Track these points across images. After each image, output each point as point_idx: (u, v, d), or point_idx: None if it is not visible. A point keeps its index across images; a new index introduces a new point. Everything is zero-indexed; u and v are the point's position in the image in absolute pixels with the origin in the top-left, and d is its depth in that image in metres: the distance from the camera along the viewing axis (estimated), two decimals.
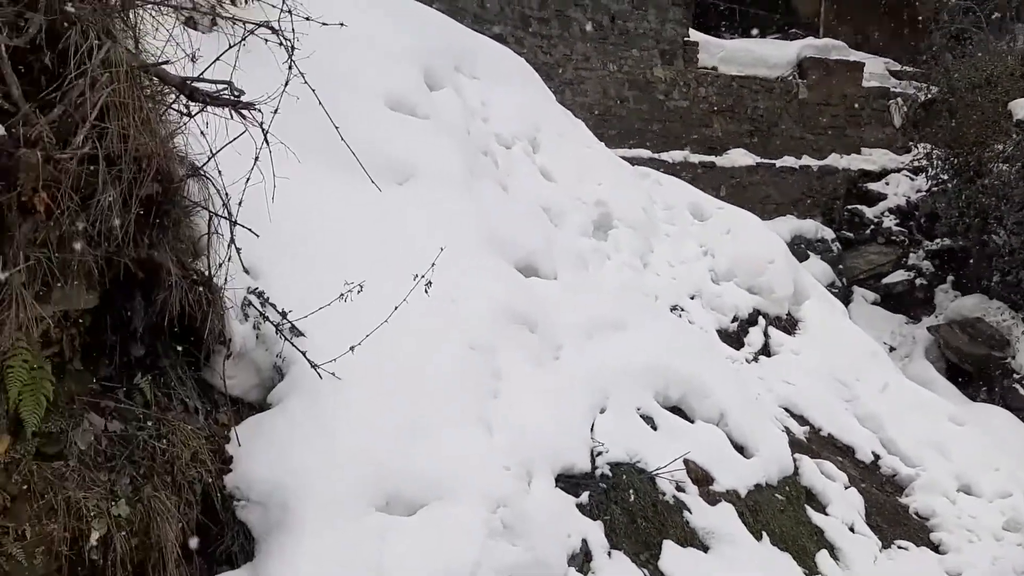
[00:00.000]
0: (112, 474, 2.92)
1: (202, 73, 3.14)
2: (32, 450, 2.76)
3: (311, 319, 3.61)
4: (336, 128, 3.51)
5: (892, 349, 9.92)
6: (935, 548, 5.52)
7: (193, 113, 3.18)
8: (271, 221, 3.50)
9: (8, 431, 2.72)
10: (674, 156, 10.87)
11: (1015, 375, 9.06)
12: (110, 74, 2.74)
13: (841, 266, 10.79)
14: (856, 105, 11.84)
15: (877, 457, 6.25)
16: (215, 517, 3.21)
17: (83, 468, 2.87)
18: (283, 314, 3.58)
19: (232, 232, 3.27)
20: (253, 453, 3.37)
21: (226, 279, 3.32)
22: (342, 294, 3.50)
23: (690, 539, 4.52)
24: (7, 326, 2.62)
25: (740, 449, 5.17)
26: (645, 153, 10.78)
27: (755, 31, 13.03)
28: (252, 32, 3.21)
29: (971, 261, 10.04)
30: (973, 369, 9.35)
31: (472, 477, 3.69)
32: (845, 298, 10.44)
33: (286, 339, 3.53)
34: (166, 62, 3.03)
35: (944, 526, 5.67)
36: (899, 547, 5.37)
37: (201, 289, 3.18)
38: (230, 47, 3.16)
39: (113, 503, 2.83)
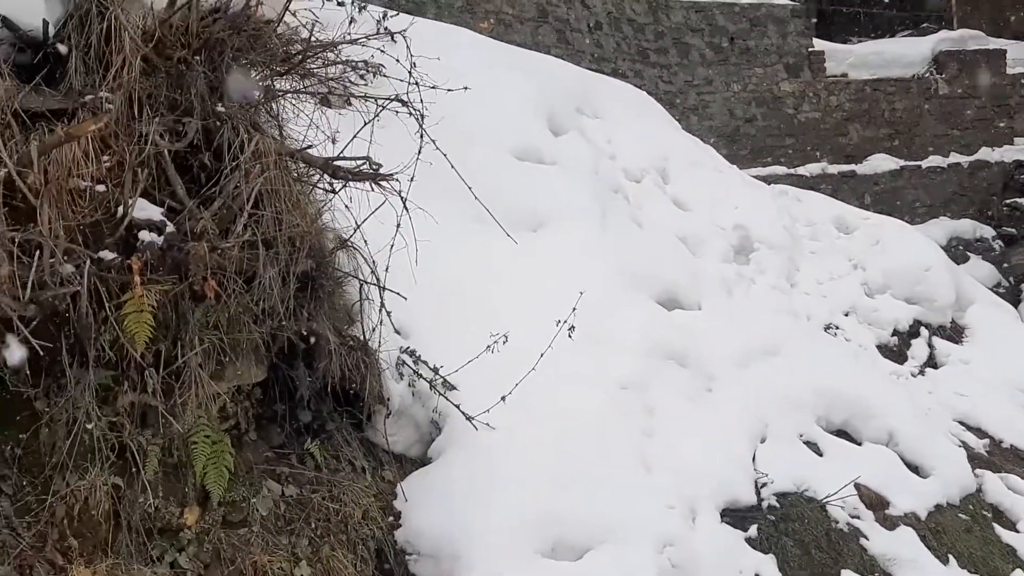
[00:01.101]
0: (292, 536, 3.09)
1: (341, 151, 3.34)
2: (219, 519, 2.96)
3: (463, 373, 3.73)
4: (469, 188, 3.65)
5: None
6: None
7: (337, 190, 3.38)
8: (416, 283, 3.64)
9: (197, 503, 2.93)
10: (811, 169, 10.56)
11: None
12: (260, 164, 2.96)
13: (1006, 264, 10.12)
14: (1002, 94, 11.17)
15: None
16: (389, 572, 3.33)
17: (265, 532, 3.05)
18: (435, 370, 3.71)
19: (382, 297, 3.44)
20: (419, 507, 3.48)
21: (380, 342, 3.48)
22: (488, 346, 3.60)
23: (870, 567, 4.32)
24: (189, 405, 2.84)
25: (915, 469, 4.92)
26: (780, 170, 10.53)
27: (884, 32, 12.56)
28: (384, 107, 3.38)
29: None
30: None
31: (635, 517, 3.68)
32: (1014, 298, 9.75)
33: (440, 394, 3.66)
34: (310, 146, 3.24)
35: None
36: None
37: (358, 353, 3.34)
38: (365, 124, 3.34)
39: (296, 564, 2.99)
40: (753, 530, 4.15)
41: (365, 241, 3.46)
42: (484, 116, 5.37)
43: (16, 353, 2.42)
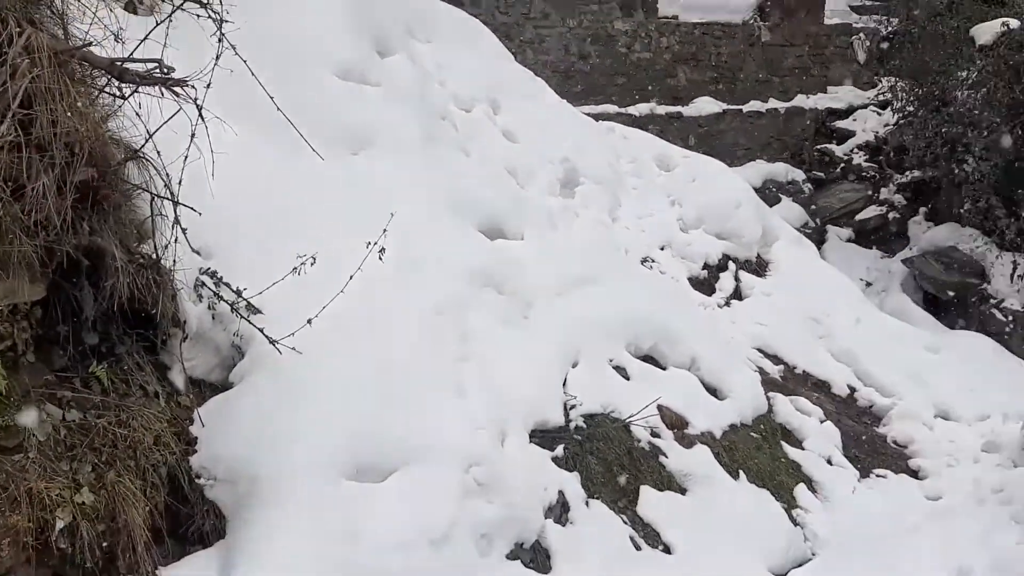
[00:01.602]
0: (74, 463, 2.92)
1: (132, 53, 3.10)
2: None
3: (272, 298, 3.60)
4: (271, 97, 3.47)
5: (868, 284, 9.95)
6: (914, 474, 5.60)
7: (126, 95, 3.14)
8: (215, 198, 3.46)
9: None
10: (640, 109, 10.81)
11: (992, 300, 9.11)
12: (31, 60, 2.70)
13: (814, 206, 10.79)
14: (819, 44, 11.79)
15: (853, 390, 6.31)
16: (184, 498, 3.22)
17: (44, 459, 2.86)
18: (238, 292, 3.57)
19: (176, 212, 3.25)
20: (218, 433, 3.37)
21: (174, 260, 3.30)
22: (295, 267, 3.50)
23: (668, 483, 4.57)
24: None
25: (713, 392, 5.21)
26: (611, 108, 10.72)
27: None
28: (179, 7, 3.15)
29: (942, 191, 10.05)
30: (950, 298, 9.39)
31: (443, 439, 3.71)
32: (820, 237, 10.46)
33: (242, 317, 3.52)
34: (90, 44, 2.98)
35: (923, 452, 5.74)
36: (878, 475, 5.44)
37: (149, 272, 3.16)
38: (157, 24, 3.11)
39: (77, 491, 2.84)
40: (560, 450, 4.29)
41: (159, 153, 3.24)
42: (302, 31, 5.13)
43: None
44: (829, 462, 5.34)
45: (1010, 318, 8.90)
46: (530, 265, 5.21)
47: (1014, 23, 9.12)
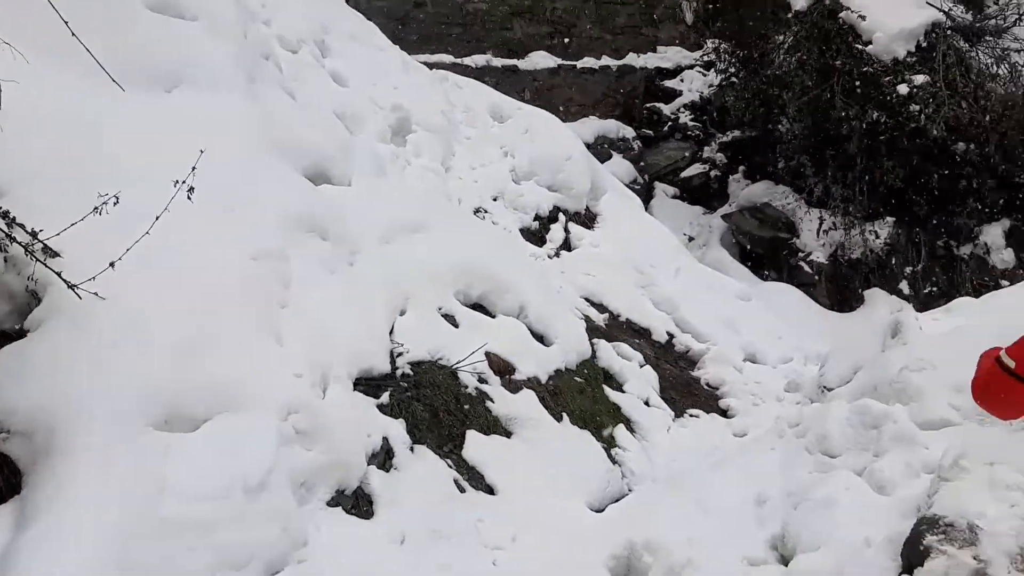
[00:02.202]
0: None
1: None
2: None
3: (73, 240, 3.36)
4: (65, 23, 3.20)
5: (692, 239, 10.41)
6: (724, 413, 5.96)
7: None
8: (4, 132, 3.18)
9: None
10: (476, 60, 10.80)
11: (800, 253, 9.74)
12: None
13: (643, 163, 11.13)
14: (650, 3, 12.10)
15: (672, 336, 6.62)
16: None
17: None
18: (33, 234, 3.31)
19: None
20: (12, 383, 3.14)
21: None
22: (96, 207, 3.27)
23: (493, 427, 4.66)
24: None
25: (541, 338, 5.34)
26: (447, 58, 10.64)
27: None
28: None
29: (759, 150, 10.61)
30: (763, 251, 9.96)
31: (260, 387, 3.62)
32: (648, 193, 10.82)
33: (38, 260, 3.27)
34: None
35: (732, 393, 6.12)
36: (691, 415, 5.77)
37: None
38: None
39: None
40: (385, 397, 4.29)
41: None
42: None
43: None
44: (647, 404, 5.60)
45: (816, 270, 9.56)
46: (357, 211, 5.13)
47: None
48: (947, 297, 7.67)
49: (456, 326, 5.01)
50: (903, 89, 9.05)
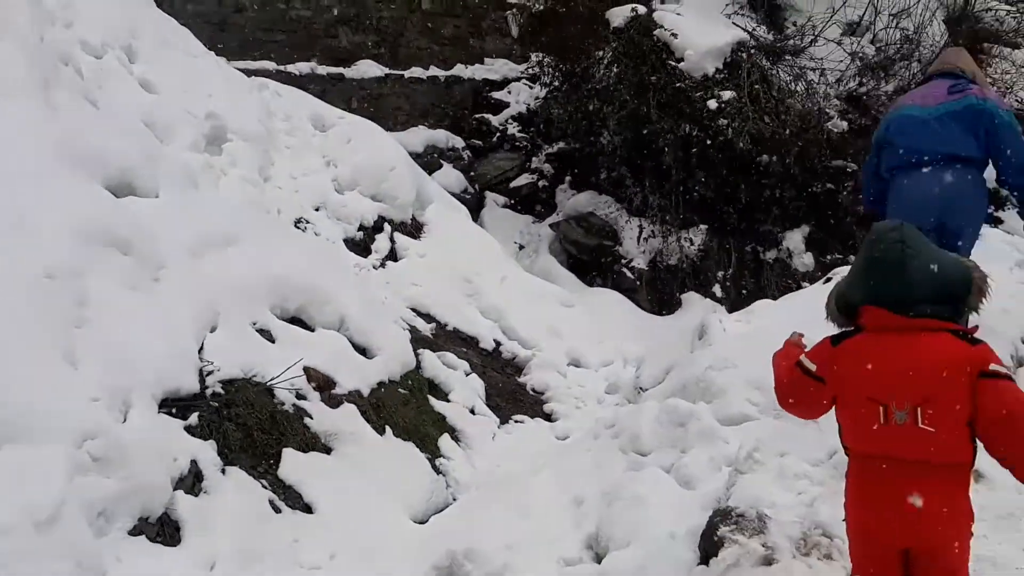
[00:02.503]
0: None
1: None
2: None
3: None
4: None
5: (522, 247, 10.60)
6: (548, 417, 6.10)
7: None
8: None
9: None
10: (301, 68, 10.57)
11: (623, 260, 10.11)
12: None
13: (473, 173, 11.24)
14: (477, 15, 12.26)
15: (499, 344, 6.72)
16: None
17: None
18: None
19: None
20: None
21: None
22: None
23: (312, 444, 4.57)
24: None
25: (363, 351, 5.28)
26: (270, 65, 10.37)
27: None
28: None
29: (583, 161, 10.93)
30: (589, 258, 10.26)
31: (51, 414, 3.39)
32: (479, 203, 10.94)
33: None
34: None
35: (556, 397, 6.28)
36: (516, 421, 5.87)
37: None
38: None
39: None
40: (194, 418, 4.11)
41: None
42: None
43: None
44: (473, 412, 5.65)
45: (637, 275, 9.94)
46: (165, 224, 4.91)
47: (642, 9, 10.10)
48: (756, 299, 8.14)
49: (272, 341, 4.87)
50: (712, 104, 9.57)
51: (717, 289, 9.93)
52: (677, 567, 3.30)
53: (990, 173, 4.59)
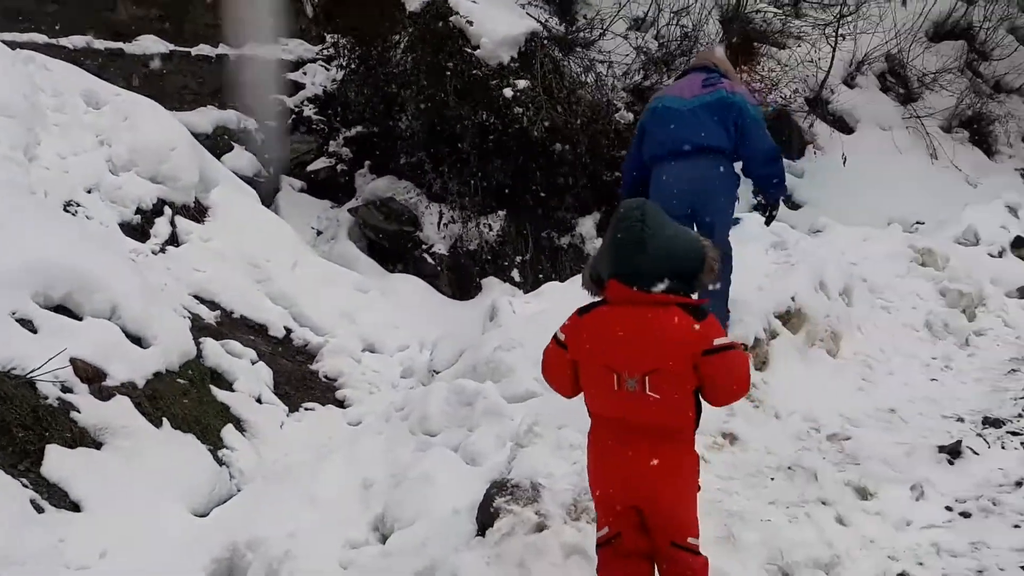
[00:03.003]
0: None
1: None
2: None
3: None
4: None
5: (320, 233, 10.39)
6: (341, 404, 6.04)
7: None
8: None
9: None
10: (75, 42, 9.80)
11: (423, 246, 10.14)
12: None
13: (267, 156, 10.87)
14: None
15: (289, 331, 6.57)
16: None
17: None
18: None
19: None
20: None
21: None
22: None
23: (80, 439, 4.31)
24: None
25: (137, 340, 5.01)
26: (40, 38, 9.55)
27: None
28: None
29: (382, 145, 10.84)
30: (390, 244, 10.22)
31: None
32: (274, 187, 10.61)
33: None
34: None
35: (349, 383, 6.21)
36: (307, 408, 5.77)
37: None
38: None
39: None
40: None
41: None
42: None
43: None
44: (259, 401, 5.50)
45: (438, 261, 10.01)
46: None
47: None
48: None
49: (34, 331, 4.53)
50: (508, 92, 9.75)
51: (516, 274, 10.16)
52: (457, 540, 3.36)
53: None
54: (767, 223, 5.02)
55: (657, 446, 2.64)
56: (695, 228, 4.46)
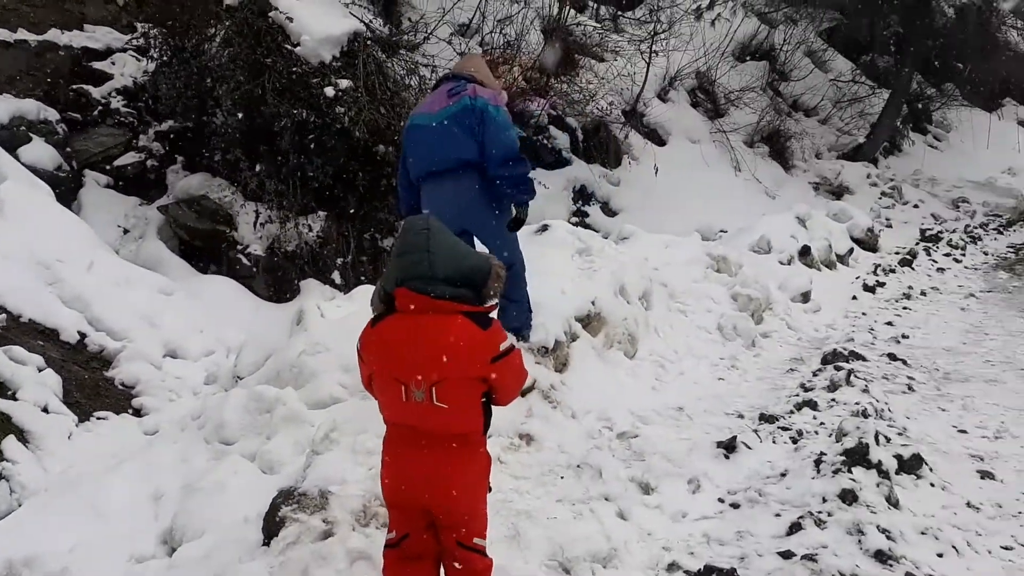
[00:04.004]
0: None
1: None
2: None
3: None
4: None
5: (127, 231, 9.88)
6: (137, 412, 5.77)
7: None
8: None
9: None
10: None
11: (239, 246, 9.83)
12: None
13: (70, 149, 10.20)
14: None
15: (84, 336, 6.20)
16: None
17: None
18: None
19: None
20: None
21: None
22: None
23: None
24: None
25: None
26: None
27: None
28: None
29: (196, 141, 10.42)
30: (203, 244, 9.84)
31: None
32: (77, 182, 9.98)
33: None
34: None
35: (148, 391, 5.94)
36: (99, 418, 5.47)
37: None
38: None
39: None
40: None
41: None
42: None
43: None
44: (46, 410, 5.18)
45: (254, 262, 9.74)
46: None
47: None
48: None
49: None
50: (330, 91, 9.62)
51: (337, 276, 10.03)
52: (242, 551, 3.32)
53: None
54: (512, 228, 4.56)
55: (448, 451, 2.72)
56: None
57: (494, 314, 2.83)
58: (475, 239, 4.57)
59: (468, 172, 4.41)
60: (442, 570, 2.89)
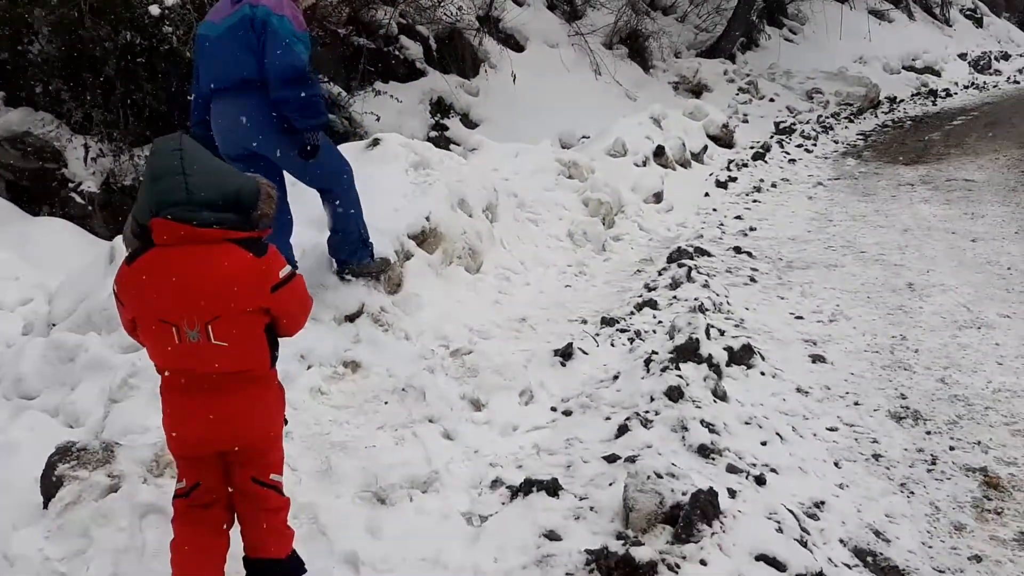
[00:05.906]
0: None
1: None
2: None
3: None
4: None
5: None
6: None
7: None
8: None
9: None
10: None
11: (70, 184, 9.17)
12: None
13: None
14: None
15: None
16: None
17: None
18: None
19: None
20: None
21: None
22: None
23: None
24: None
25: None
26: None
27: None
28: None
29: (14, 73, 9.56)
30: (32, 184, 9.15)
31: None
32: None
33: None
34: None
35: None
36: None
37: None
38: None
39: None
40: None
41: None
42: None
43: None
44: None
45: (88, 200, 9.10)
46: None
47: None
48: None
49: None
50: (155, 10, 8.93)
51: None
52: (22, 516, 3.04)
53: None
54: (304, 157, 4.02)
55: (234, 391, 2.49)
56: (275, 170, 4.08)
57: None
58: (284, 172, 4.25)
59: (251, 92, 3.92)
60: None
